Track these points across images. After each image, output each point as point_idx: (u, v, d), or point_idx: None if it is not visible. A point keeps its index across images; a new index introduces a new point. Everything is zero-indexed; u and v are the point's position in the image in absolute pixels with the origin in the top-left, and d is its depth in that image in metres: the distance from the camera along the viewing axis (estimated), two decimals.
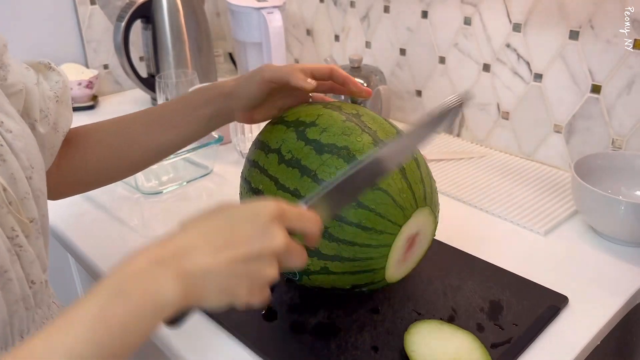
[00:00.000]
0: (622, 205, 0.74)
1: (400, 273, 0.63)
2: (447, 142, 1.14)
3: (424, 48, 1.16)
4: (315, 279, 0.62)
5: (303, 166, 0.58)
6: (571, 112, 0.97)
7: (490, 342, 0.60)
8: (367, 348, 0.60)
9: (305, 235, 0.46)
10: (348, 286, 0.62)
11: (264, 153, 0.62)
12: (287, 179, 0.59)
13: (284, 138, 0.61)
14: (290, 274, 0.63)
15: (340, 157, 0.58)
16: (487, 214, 0.87)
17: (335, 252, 0.58)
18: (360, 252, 0.58)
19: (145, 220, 0.89)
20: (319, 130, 0.60)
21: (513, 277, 0.71)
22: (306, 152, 0.59)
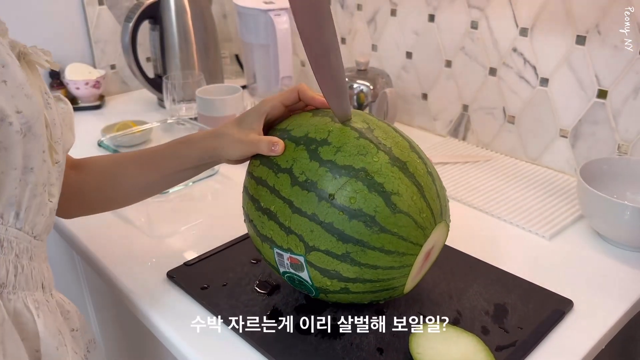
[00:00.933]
0: (628, 210, 0.74)
1: (414, 284, 0.64)
2: (452, 146, 1.14)
3: (430, 51, 1.16)
4: (332, 297, 0.62)
5: (320, 189, 0.56)
6: (577, 117, 0.97)
7: (495, 345, 0.60)
8: (372, 350, 0.60)
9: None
10: (366, 302, 0.63)
11: (272, 172, 0.60)
12: (303, 203, 0.57)
13: (294, 157, 0.59)
14: (305, 290, 0.63)
15: (359, 180, 0.56)
16: (493, 218, 0.88)
17: (357, 275, 0.57)
18: (382, 274, 0.58)
19: (151, 220, 0.90)
20: (333, 150, 0.58)
21: (518, 280, 0.71)
22: (322, 174, 0.57)
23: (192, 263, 0.75)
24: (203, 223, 0.88)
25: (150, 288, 0.72)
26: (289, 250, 0.58)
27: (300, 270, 0.59)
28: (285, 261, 0.60)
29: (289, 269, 0.60)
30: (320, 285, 0.59)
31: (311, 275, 0.59)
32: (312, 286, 0.60)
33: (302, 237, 0.57)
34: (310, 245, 0.57)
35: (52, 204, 0.56)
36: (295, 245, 0.58)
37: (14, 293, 0.54)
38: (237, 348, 0.62)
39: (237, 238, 0.81)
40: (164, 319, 0.66)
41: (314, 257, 0.57)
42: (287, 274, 0.61)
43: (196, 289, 0.70)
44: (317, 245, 0.56)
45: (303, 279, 0.60)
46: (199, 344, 0.63)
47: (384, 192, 0.56)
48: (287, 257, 0.59)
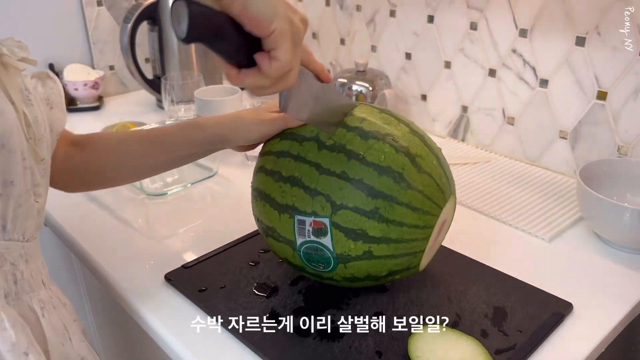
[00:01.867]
0: (628, 212, 0.74)
1: (427, 260, 0.65)
2: (452, 147, 1.14)
3: (429, 52, 1.16)
4: (351, 267, 0.61)
5: (349, 150, 0.59)
6: (577, 118, 0.97)
7: (495, 348, 0.60)
8: (371, 353, 0.60)
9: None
10: (384, 272, 0.62)
11: (297, 142, 0.62)
12: (332, 163, 0.59)
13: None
14: (322, 264, 0.61)
15: (386, 142, 0.59)
16: (492, 220, 0.87)
17: (384, 233, 0.58)
18: (407, 233, 0.59)
19: (149, 222, 0.89)
20: (359, 119, 0.61)
21: (517, 283, 0.70)
22: (350, 137, 0.59)
23: (190, 265, 0.74)
24: (201, 225, 0.88)
25: (148, 290, 0.71)
26: (314, 213, 0.58)
27: (323, 235, 0.59)
28: (307, 228, 0.59)
29: (310, 236, 0.60)
30: (342, 251, 0.59)
31: (334, 239, 0.59)
32: (333, 254, 0.60)
33: (330, 197, 0.58)
34: (337, 204, 0.58)
35: (40, 203, 0.56)
36: (321, 207, 0.58)
37: (17, 299, 0.54)
38: (235, 351, 0.62)
39: (235, 240, 0.80)
40: (162, 322, 0.66)
41: (341, 216, 0.58)
42: (306, 244, 0.60)
43: (194, 291, 0.69)
44: (346, 202, 0.57)
45: (324, 246, 0.59)
46: (197, 346, 0.62)
47: (409, 154, 0.59)
48: (310, 222, 0.59)
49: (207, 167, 1.03)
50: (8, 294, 0.53)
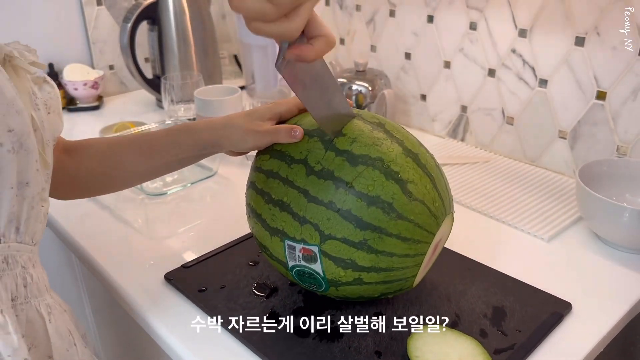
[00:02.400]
0: (627, 212, 0.74)
1: (421, 277, 0.64)
2: (451, 147, 1.14)
3: (429, 52, 1.16)
4: (343, 290, 0.61)
5: (337, 178, 0.56)
6: (576, 118, 0.97)
7: (494, 348, 0.60)
8: (371, 353, 0.60)
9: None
10: (377, 294, 0.62)
11: (285, 164, 0.60)
12: (320, 192, 0.57)
13: (308, 148, 0.59)
14: (314, 285, 0.62)
15: (376, 168, 0.57)
16: (491, 220, 0.87)
17: (373, 263, 0.57)
18: (397, 262, 0.58)
19: (149, 221, 0.89)
20: (349, 141, 0.58)
21: (516, 283, 0.71)
22: (338, 163, 0.57)
23: (189, 265, 0.74)
24: (201, 225, 0.88)
25: (147, 290, 0.71)
26: (303, 240, 0.58)
27: (313, 262, 0.59)
28: (297, 253, 0.59)
29: (301, 261, 0.59)
30: (332, 277, 0.59)
31: (324, 266, 0.58)
32: (324, 279, 0.60)
33: (318, 226, 0.57)
34: (326, 234, 0.57)
35: (45, 208, 0.56)
36: (309, 235, 0.57)
37: (26, 303, 0.54)
38: (235, 351, 0.62)
39: (235, 240, 0.80)
40: (162, 322, 0.66)
41: (330, 246, 0.57)
42: (297, 267, 0.60)
43: (194, 291, 0.69)
44: (334, 233, 0.56)
45: (314, 272, 0.59)
46: (196, 346, 0.62)
47: (400, 180, 0.57)
48: (299, 248, 0.59)
49: (206, 166, 1.03)
50: (17, 298, 0.53)
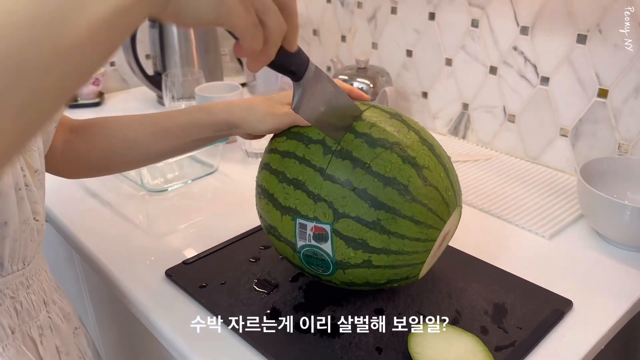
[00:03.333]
0: (628, 210, 0.74)
1: (427, 269, 0.64)
2: (452, 145, 1.14)
3: (430, 50, 1.16)
4: (350, 273, 0.60)
5: (355, 158, 0.57)
6: (577, 116, 0.97)
7: (494, 345, 0.60)
8: (371, 349, 0.60)
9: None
10: (383, 280, 0.62)
11: (303, 144, 0.60)
12: (337, 170, 0.57)
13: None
14: (321, 268, 0.61)
15: (394, 152, 0.58)
16: (492, 217, 0.87)
17: (384, 244, 0.58)
18: (408, 245, 0.58)
19: (149, 218, 0.89)
20: (368, 125, 0.59)
21: (517, 280, 0.71)
22: (357, 144, 0.58)
23: (190, 262, 0.75)
24: (202, 221, 0.88)
25: (148, 286, 0.71)
26: (315, 218, 0.58)
27: (323, 241, 0.58)
28: (307, 232, 0.59)
29: (311, 240, 0.59)
30: (341, 258, 0.59)
31: (335, 245, 0.58)
32: (332, 260, 0.59)
33: (332, 204, 0.57)
34: (340, 212, 0.57)
35: (39, 221, 0.55)
36: (323, 213, 0.57)
37: (20, 331, 0.55)
38: (235, 347, 0.62)
39: (236, 236, 0.80)
40: (162, 318, 0.66)
41: (342, 224, 0.57)
42: (306, 247, 0.60)
43: (195, 287, 0.69)
44: (348, 211, 0.57)
45: (324, 252, 0.59)
46: (197, 342, 0.62)
47: (416, 165, 0.58)
48: (311, 227, 0.58)
49: (207, 163, 1.03)
50: (12, 328, 0.54)
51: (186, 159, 1.04)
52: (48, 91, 0.28)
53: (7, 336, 0.53)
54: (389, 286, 0.64)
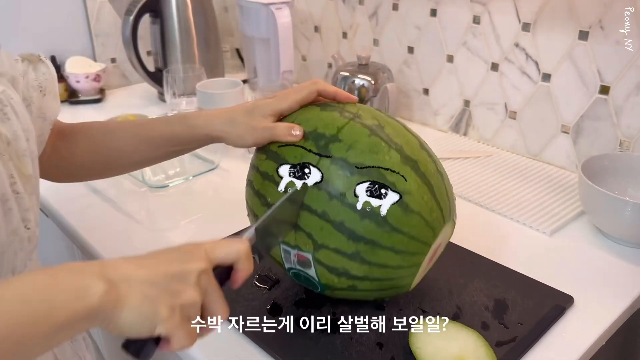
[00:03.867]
0: (629, 206, 0.74)
1: (419, 279, 0.64)
2: (454, 141, 1.14)
3: (432, 46, 1.16)
4: (339, 294, 0.61)
5: (331, 188, 0.55)
6: (579, 112, 0.96)
7: (495, 340, 0.60)
8: (372, 344, 0.60)
9: (235, 270, 0.48)
10: (372, 298, 0.63)
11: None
12: (313, 201, 0.56)
13: (302, 154, 0.57)
14: (310, 286, 0.62)
15: (372, 177, 0.55)
16: (493, 214, 0.87)
17: (366, 273, 0.57)
18: (391, 273, 0.58)
19: (151, 214, 0.90)
20: (345, 147, 0.56)
21: (518, 276, 0.71)
22: (333, 172, 0.56)
23: None
24: (203, 217, 0.88)
25: None
26: (297, 247, 0.58)
27: (307, 267, 0.59)
28: (292, 258, 0.59)
29: (296, 265, 0.60)
30: (327, 283, 0.59)
31: (318, 272, 0.58)
32: (319, 282, 0.60)
33: (311, 235, 0.56)
34: (319, 243, 0.56)
35: (31, 229, 0.54)
36: (303, 243, 0.57)
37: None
38: (236, 342, 0.62)
39: (237, 232, 0.80)
40: None
41: (323, 254, 0.57)
42: (293, 270, 0.61)
43: None
44: (327, 243, 0.56)
45: (309, 276, 0.60)
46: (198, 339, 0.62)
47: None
48: (294, 253, 0.59)
49: (208, 159, 1.03)
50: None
51: (187, 156, 1.04)
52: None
53: None
54: (380, 300, 0.65)
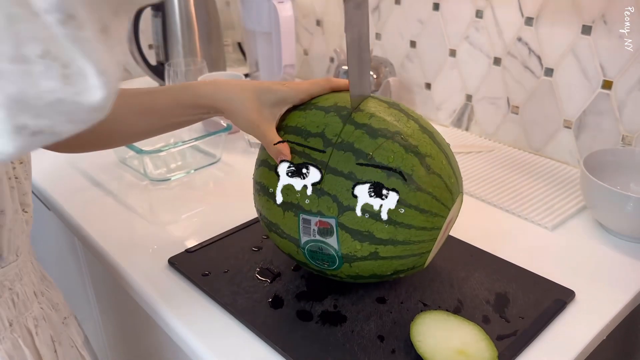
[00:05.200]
0: (631, 201, 0.74)
1: (431, 257, 0.64)
2: (456, 136, 1.14)
3: (434, 41, 1.16)
4: (357, 266, 0.60)
5: (357, 150, 0.57)
6: (581, 107, 0.96)
7: (496, 334, 0.60)
8: (373, 337, 0.60)
9: None
10: (390, 272, 0.61)
11: (302, 138, 0.59)
12: (339, 163, 0.57)
13: (326, 122, 0.59)
14: (327, 262, 0.61)
15: (395, 141, 0.57)
16: (495, 208, 0.87)
17: (391, 235, 0.57)
18: (415, 235, 0.58)
19: (152, 207, 0.90)
20: (367, 115, 0.59)
21: (520, 270, 0.71)
22: (358, 135, 0.57)
23: (193, 250, 0.75)
24: (205, 211, 0.88)
25: (151, 274, 0.72)
26: (319, 213, 0.57)
27: (329, 236, 0.58)
28: (312, 227, 0.58)
29: (315, 235, 0.59)
30: (347, 252, 0.58)
31: (340, 239, 0.58)
32: (338, 254, 0.59)
33: (337, 197, 0.57)
34: (344, 205, 0.56)
35: (29, 213, 0.55)
36: (327, 207, 0.57)
37: (18, 323, 0.55)
38: (238, 334, 0.62)
39: (238, 226, 0.80)
40: (165, 305, 0.66)
41: (347, 217, 0.57)
42: (311, 243, 0.59)
43: (197, 275, 0.70)
44: (352, 204, 0.56)
45: (329, 246, 0.59)
46: (200, 329, 0.63)
47: (419, 154, 0.58)
48: (315, 222, 0.58)
49: (210, 153, 1.03)
50: (10, 320, 0.54)
51: (189, 149, 1.04)
52: None
53: (4, 328, 0.54)
54: (395, 277, 0.64)
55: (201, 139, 0.97)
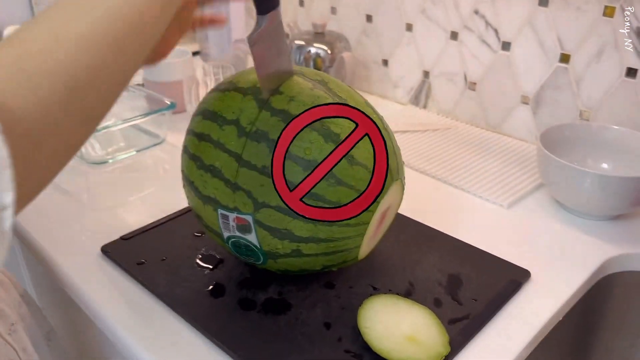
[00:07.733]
0: (588, 177, 0.71)
1: (369, 249, 0.60)
2: (412, 114, 1.10)
3: (390, 15, 1.11)
4: (282, 262, 0.56)
5: (271, 140, 0.51)
6: (539, 82, 0.94)
7: (448, 317, 0.57)
8: (319, 324, 0.56)
9: None
10: (318, 267, 0.57)
11: (217, 125, 0.54)
12: (252, 155, 0.52)
13: (241, 107, 0.53)
14: (252, 258, 0.57)
15: (314, 129, 0.51)
16: (451, 187, 0.84)
17: (311, 233, 0.53)
18: (337, 232, 0.53)
19: (90, 192, 0.84)
20: (286, 99, 0.53)
21: (474, 250, 0.68)
22: (273, 123, 0.52)
23: (129, 237, 0.69)
24: (147, 195, 0.83)
25: (83, 264, 0.66)
26: (236, 209, 0.53)
27: (248, 233, 0.54)
28: (230, 223, 0.54)
29: (235, 232, 0.55)
30: (269, 249, 0.54)
31: (259, 237, 0.53)
32: (260, 250, 0.55)
33: (251, 193, 0.52)
34: (259, 202, 0.52)
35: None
36: (242, 204, 0.52)
37: None
38: (173, 324, 0.57)
39: (181, 210, 0.75)
40: (95, 297, 0.61)
41: (264, 214, 0.52)
42: (233, 238, 0.56)
43: (132, 264, 0.65)
44: (268, 201, 0.51)
45: (250, 243, 0.55)
46: (131, 320, 0.58)
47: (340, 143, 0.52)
48: (233, 217, 0.54)
49: (153, 133, 0.97)
50: None
51: (131, 130, 0.98)
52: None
53: None
54: (327, 270, 0.59)
55: (144, 117, 0.91)
